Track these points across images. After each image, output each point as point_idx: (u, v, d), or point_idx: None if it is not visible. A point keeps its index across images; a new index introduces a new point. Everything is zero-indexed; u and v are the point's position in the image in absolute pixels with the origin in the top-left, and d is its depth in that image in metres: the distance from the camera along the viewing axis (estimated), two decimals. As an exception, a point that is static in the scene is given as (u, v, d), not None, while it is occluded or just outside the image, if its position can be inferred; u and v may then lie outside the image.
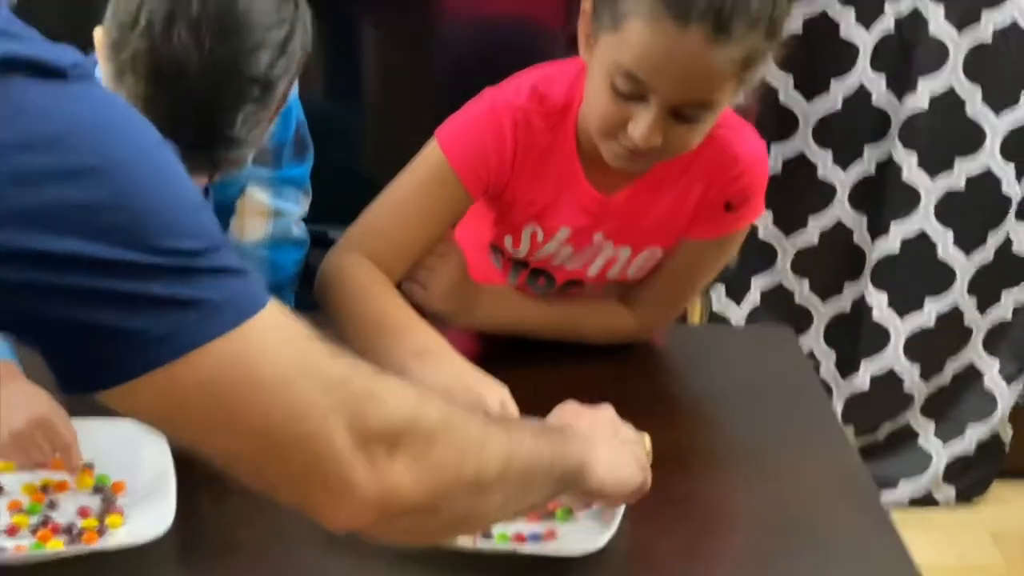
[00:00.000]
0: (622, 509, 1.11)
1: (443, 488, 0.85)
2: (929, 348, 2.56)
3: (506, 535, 1.13)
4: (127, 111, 0.76)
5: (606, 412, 1.14)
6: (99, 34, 1.11)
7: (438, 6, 2.08)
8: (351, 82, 2.06)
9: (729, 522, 1.21)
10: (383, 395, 0.83)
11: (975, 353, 2.58)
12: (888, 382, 2.57)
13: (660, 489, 1.14)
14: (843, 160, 2.47)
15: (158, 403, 0.75)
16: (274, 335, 0.77)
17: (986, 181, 2.45)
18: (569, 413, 1.13)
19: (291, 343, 0.79)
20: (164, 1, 1.05)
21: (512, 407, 1.20)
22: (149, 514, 1.11)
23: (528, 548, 1.11)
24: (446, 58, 2.09)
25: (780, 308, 2.56)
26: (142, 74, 1.05)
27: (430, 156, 1.37)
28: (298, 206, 1.34)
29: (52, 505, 1.16)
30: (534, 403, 1.23)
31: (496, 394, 1.21)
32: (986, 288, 2.53)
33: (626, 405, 1.14)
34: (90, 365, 0.74)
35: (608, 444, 1.06)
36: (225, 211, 1.31)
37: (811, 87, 2.42)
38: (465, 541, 1.09)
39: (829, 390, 2.60)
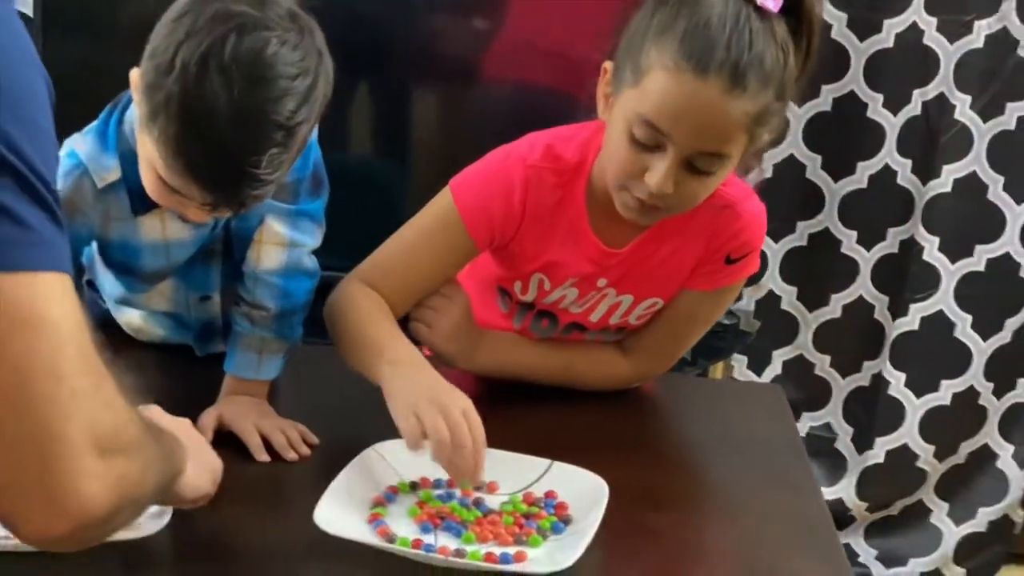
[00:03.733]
0: (591, 535, 1.17)
1: (126, 501, 0.84)
2: (944, 428, 2.60)
3: (478, 554, 1.19)
4: (21, 37, 0.80)
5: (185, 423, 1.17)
6: (135, 76, 1.20)
7: (465, 67, 2.17)
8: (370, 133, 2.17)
9: (695, 558, 1.25)
10: (114, 401, 0.83)
11: (990, 436, 2.61)
12: (903, 459, 2.61)
13: (634, 523, 1.23)
14: (867, 239, 2.54)
15: None
16: (70, 297, 0.79)
17: (1005, 266, 2.50)
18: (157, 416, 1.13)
19: (79, 316, 0.80)
20: (198, 47, 1.13)
21: (474, 417, 1.24)
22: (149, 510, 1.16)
23: (500, 567, 1.18)
24: (467, 118, 2.19)
25: (800, 381, 2.62)
26: (175, 116, 1.13)
27: (442, 202, 1.44)
28: (312, 239, 1.42)
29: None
30: (526, 439, 1.32)
31: (460, 404, 1.24)
32: (1003, 372, 2.57)
33: (612, 445, 1.21)
34: None
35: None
36: (244, 240, 1.41)
37: (838, 167, 2.50)
38: (438, 559, 1.16)
39: (844, 463, 2.65)
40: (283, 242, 1.39)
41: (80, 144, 1.29)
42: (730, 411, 1.53)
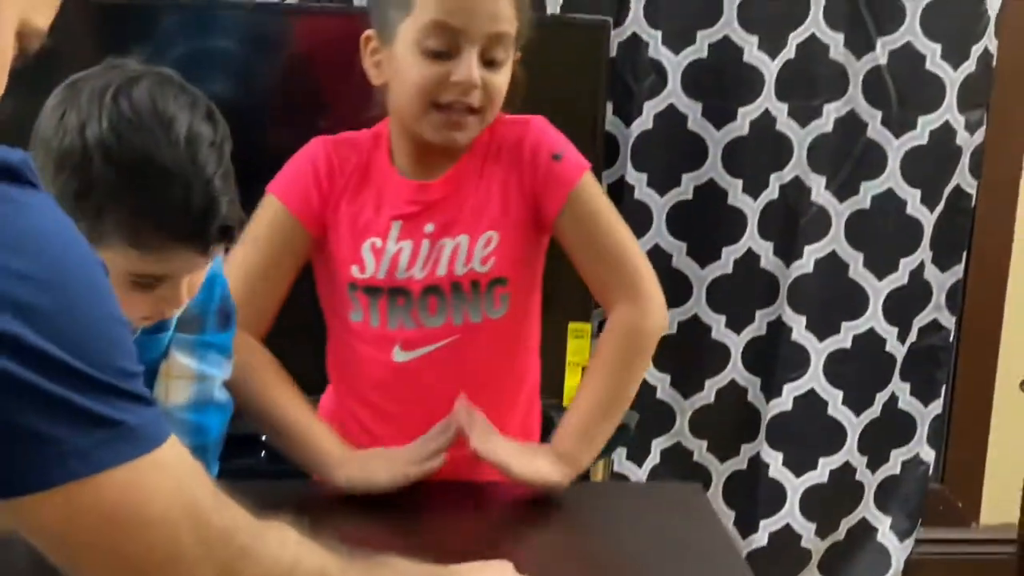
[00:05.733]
0: None
1: None
2: (824, 505, 2.62)
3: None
4: (72, 228, 0.79)
5: (503, 568, 1.17)
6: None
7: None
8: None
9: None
10: (259, 554, 0.85)
11: (867, 510, 2.65)
12: (786, 539, 2.62)
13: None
14: (735, 323, 2.56)
15: (53, 518, 0.76)
16: (171, 472, 0.79)
17: (871, 341, 2.56)
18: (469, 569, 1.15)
19: (184, 486, 0.81)
20: (99, 123, 1.10)
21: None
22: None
23: None
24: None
25: (679, 468, 2.61)
26: (122, 188, 1.10)
27: (262, 208, 1.50)
28: (221, 370, 1.35)
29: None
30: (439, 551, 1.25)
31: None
32: (875, 446, 2.62)
33: (534, 561, 1.16)
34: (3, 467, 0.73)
35: None
36: (149, 374, 1.32)
37: (703, 252, 2.52)
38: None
39: (729, 549, 2.64)
40: (191, 375, 1.32)
41: None
42: (652, 514, 1.49)
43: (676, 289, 2.52)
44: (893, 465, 2.64)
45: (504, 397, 1.56)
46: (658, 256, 2.48)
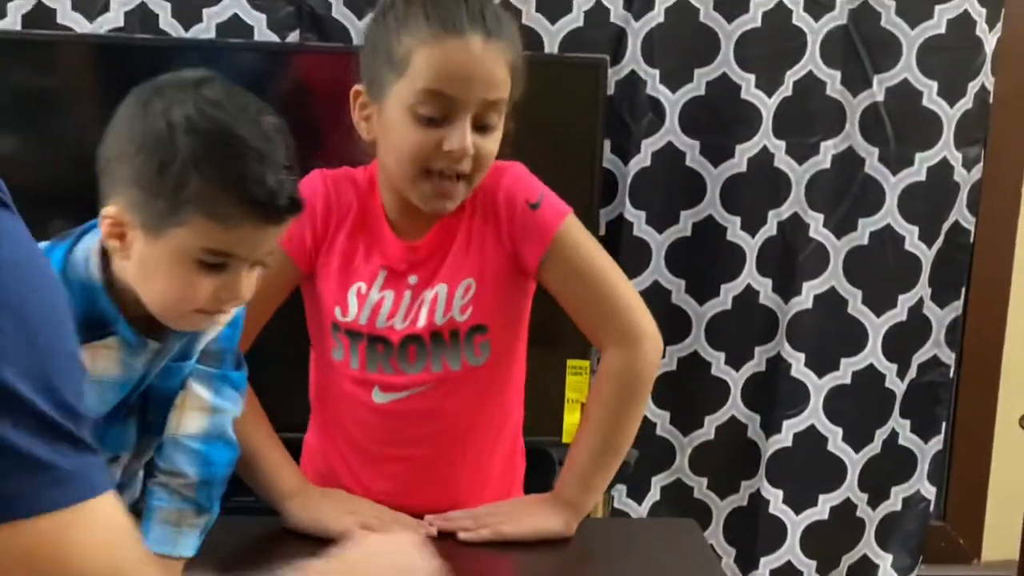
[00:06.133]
0: None
1: None
2: (825, 542, 2.61)
3: None
4: (41, 255, 0.79)
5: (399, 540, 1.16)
6: (118, 204, 1.18)
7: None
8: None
9: None
10: None
11: (868, 547, 2.64)
12: (787, 577, 2.61)
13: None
14: (735, 360, 2.56)
15: None
16: (100, 527, 0.76)
17: (871, 377, 2.56)
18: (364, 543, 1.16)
19: (112, 545, 0.77)
20: (182, 103, 1.17)
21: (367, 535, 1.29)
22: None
23: None
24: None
25: (680, 505, 2.61)
26: (207, 159, 1.15)
27: None
28: (235, 406, 1.38)
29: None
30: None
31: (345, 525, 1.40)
32: (876, 482, 2.61)
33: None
34: None
35: None
36: (162, 400, 1.34)
37: (701, 289, 2.52)
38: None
39: (730, 586, 2.63)
40: (206, 407, 1.35)
41: None
42: (650, 550, 1.49)
43: (675, 326, 2.52)
44: (894, 502, 2.63)
45: (486, 439, 1.57)
46: (657, 293, 2.49)
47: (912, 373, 2.59)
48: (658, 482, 2.62)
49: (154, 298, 1.21)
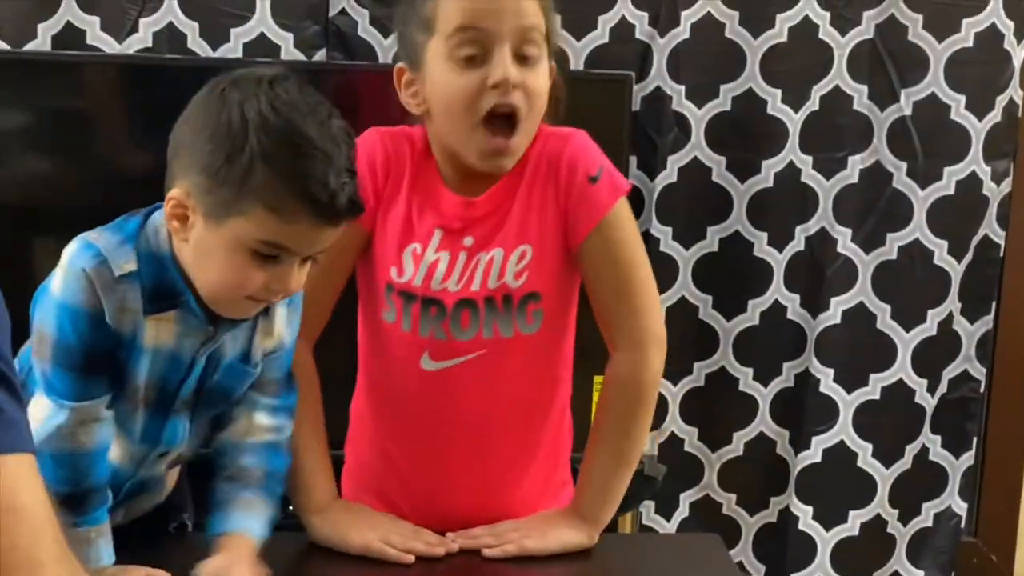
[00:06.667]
0: None
1: None
2: (856, 559, 2.60)
3: None
4: None
5: None
6: (183, 188, 1.22)
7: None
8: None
9: None
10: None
11: (899, 563, 2.62)
12: (817, 594, 2.60)
13: None
14: (763, 375, 2.56)
15: None
16: (34, 481, 0.79)
17: (901, 392, 2.54)
18: None
19: (46, 499, 0.80)
20: (255, 98, 1.21)
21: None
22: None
23: None
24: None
25: (708, 521, 2.60)
26: (274, 155, 1.19)
27: None
28: (290, 428, 1.43)
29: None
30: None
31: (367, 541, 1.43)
32: (907, 498, 2.59)
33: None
34: None
35: None
36: (218, 394, 1.38)
37: (729, 305, 2.52)
38: None
39: (760, 603, 2.62)
40: (269, 427, 1.41)
41: (96, 238, 1.27)
42: (674, 566, 1.49)
43: (703, 342, 2.52)
44: (925, 518, 2.62)
45: (535, 412, 1.55)
46: (684, 309, 2.48)
47: (943, 388, 2.57)
48: (687, 498, 2.61)
49: (207, 281, 1.26)
